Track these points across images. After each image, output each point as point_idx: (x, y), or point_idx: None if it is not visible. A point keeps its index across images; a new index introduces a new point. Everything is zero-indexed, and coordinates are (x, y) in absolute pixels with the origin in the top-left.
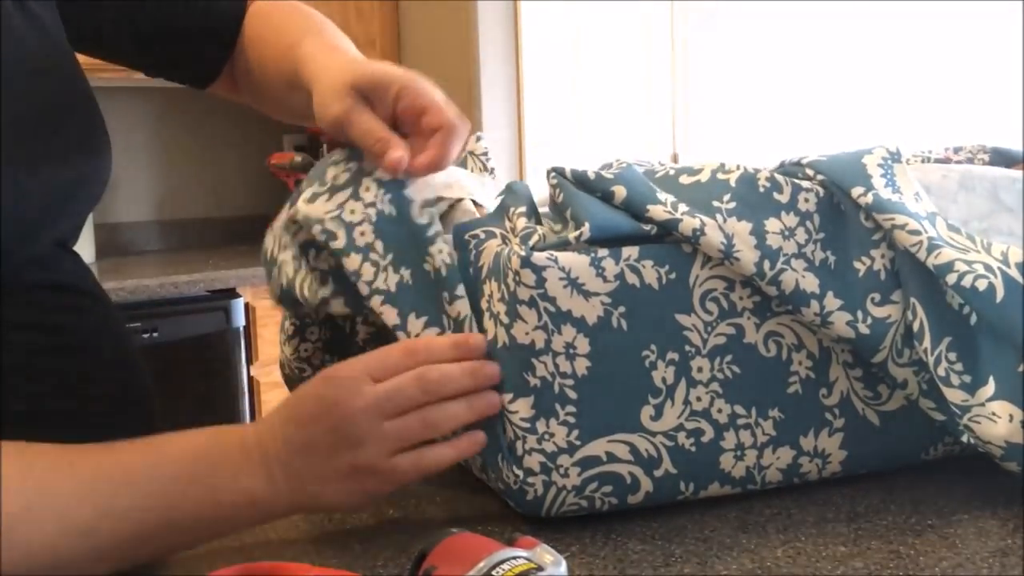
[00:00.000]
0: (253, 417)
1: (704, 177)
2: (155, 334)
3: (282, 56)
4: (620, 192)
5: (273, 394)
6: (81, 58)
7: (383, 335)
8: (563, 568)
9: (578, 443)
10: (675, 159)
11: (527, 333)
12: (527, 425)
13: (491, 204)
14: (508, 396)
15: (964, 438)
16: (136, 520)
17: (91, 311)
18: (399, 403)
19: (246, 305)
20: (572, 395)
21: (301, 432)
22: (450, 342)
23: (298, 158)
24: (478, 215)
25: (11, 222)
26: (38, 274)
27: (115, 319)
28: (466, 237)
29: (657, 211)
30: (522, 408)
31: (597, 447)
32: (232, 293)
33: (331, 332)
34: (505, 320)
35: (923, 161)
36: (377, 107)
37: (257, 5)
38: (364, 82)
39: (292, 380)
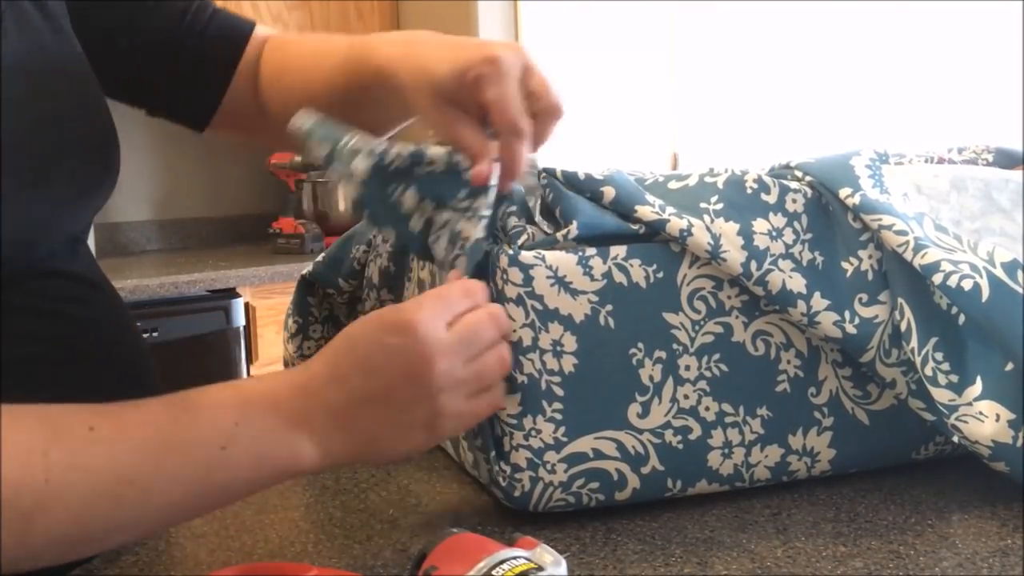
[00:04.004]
0: None
1: (692, 181)
2: (155, 334)
3: (337, 70)
4: (609, 192)
5: None
6: None
7: None
8: (563, 568)
9: (565, 440)
10: (675, 159)
11: (515, 331)
12: (514, 421)
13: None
14: None
15: (954, 438)
16: (165, 491)
17: (103, 302)
18: (478, 345)
19: (246, 305)
20: (559, 392)
21: (369, 382)
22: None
23: (298, 158)
24: None
25: (33, 219)
26: (54, 264)
27: (125, 312)
28: None
29: (645, 212)
30: (509, 404)
31: (584, 444)
32: (232, 293)
33: (334, 329)
34: None
35: (926, 161)
36: (465, 104)
37: (273, 43)
38: (446, 86)
39: None
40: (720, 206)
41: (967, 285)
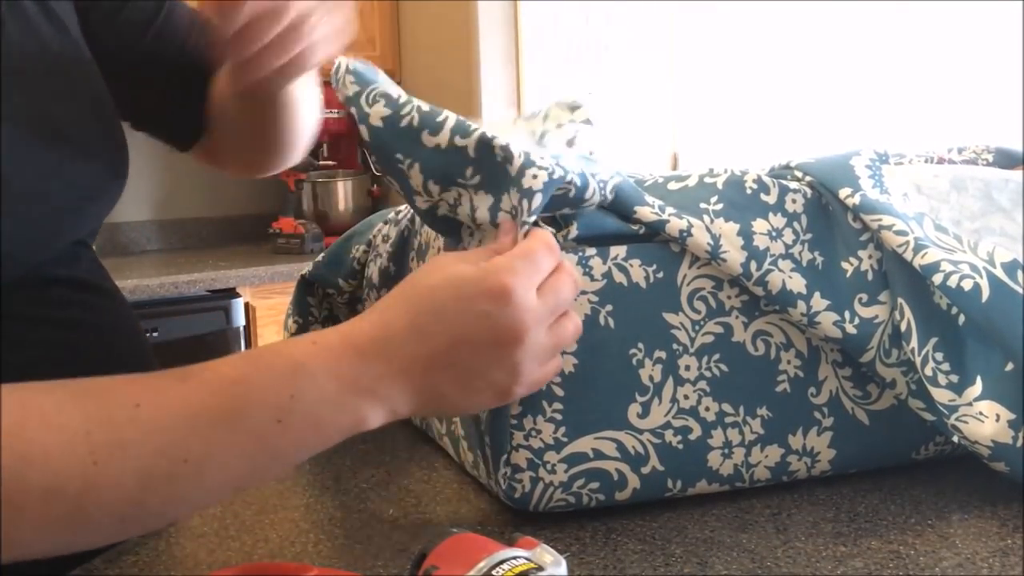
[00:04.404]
0: None
1: (692, 182)
2: (155, 334)
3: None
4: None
5: None
6: None
7: None
8: (563, 568)
9: (565, 440)
10: (675, 159)
11: None
12: (514, 422)
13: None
14: None
15: (954, 438)
16: (221, 466)
17: (106, 308)
18: (560, 311)
19: (246, 305)
20: (559, 392)
21: (456, 347)
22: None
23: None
24: None
25: (36, 225)
26: (56, 270)
27: (129, 317)
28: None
29: (644, 212)
30: (510, 404)
31: (584, 444)
32: (232, 293)
33: None
34: None
35: (926, 161)
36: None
37: None
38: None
39: None
40: (720, 206)
41: (967, 285)
